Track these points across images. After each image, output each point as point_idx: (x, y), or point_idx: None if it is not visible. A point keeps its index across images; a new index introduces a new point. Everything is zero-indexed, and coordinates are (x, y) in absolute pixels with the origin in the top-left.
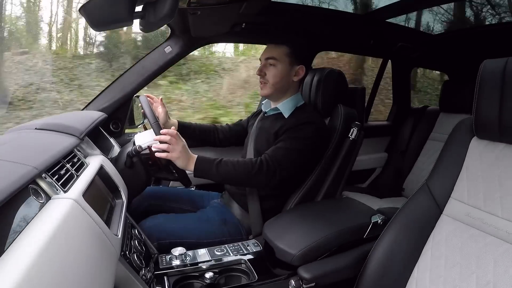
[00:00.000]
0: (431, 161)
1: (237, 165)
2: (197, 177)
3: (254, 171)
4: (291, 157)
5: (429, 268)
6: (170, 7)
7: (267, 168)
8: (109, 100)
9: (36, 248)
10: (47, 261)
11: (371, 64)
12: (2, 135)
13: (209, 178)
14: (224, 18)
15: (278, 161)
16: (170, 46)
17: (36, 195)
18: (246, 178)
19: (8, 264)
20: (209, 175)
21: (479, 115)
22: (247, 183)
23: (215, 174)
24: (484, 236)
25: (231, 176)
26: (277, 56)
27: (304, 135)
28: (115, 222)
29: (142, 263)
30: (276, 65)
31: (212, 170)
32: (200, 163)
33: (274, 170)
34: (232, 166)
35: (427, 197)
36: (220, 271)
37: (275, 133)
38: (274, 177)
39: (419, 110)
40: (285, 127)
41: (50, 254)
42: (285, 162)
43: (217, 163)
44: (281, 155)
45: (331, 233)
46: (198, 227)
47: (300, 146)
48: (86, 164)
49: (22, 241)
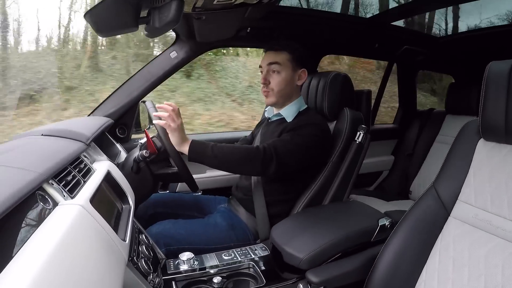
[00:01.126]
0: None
1: (234, 148)
2: (191, 160)
3: (251, 156)
4: (289, 148)
5: (437, 271)
6: (175, 13)
7: (264, 154)
8: (115, 105)
9: (44, 254)
10: (55, 267)
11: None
12: (9, 142)
13: (204, 162)
14: (229, 22)
15: (276, 149)
16: (176, 51)
17: (43, 201)
18: (242, 162)
19: (16, 271)
20: (204, 158)
21: (485, 117)
22: (243, 168)
23: (211, 156)
24: (492, 238)
25: (227, 159)
26: (281, 61)
27: (305, 133)
28: (123, 228)
29: (150, 268)
30: (280, 72)
31: (207, 152)
32: (195, 144)
33: (270, 158)
34: (229, 150)
35: (434, 200)
36: (228, 275)
37: (278, 135)
38: (270, 164)
39: (425, 113)
40: (288, 127)
41: (58, 261)
42: (283, 152)
43: (213, 145)
44: (279, 145)
45: (338, 236)
46: (205, 233)
47: (300, 141)
48: (93, 170)
49: (30, 248)
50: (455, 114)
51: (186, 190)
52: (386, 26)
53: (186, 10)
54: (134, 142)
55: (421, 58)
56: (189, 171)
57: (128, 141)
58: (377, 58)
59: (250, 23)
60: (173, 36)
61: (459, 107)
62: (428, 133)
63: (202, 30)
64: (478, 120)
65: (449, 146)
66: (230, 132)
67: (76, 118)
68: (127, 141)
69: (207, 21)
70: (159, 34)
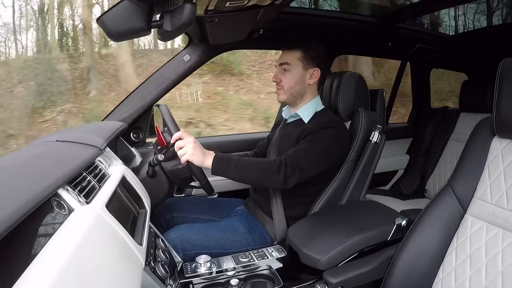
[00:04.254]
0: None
1: (256, 163)
2: (214, 174)
3: (273, 170)
4: (310, 159)
5: (454, 269)
6: (187, 16)
7: (286, 167)
8: (129, 110)
9: (61, 261)
10: (72, 273)
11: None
12: (24, 148)
13: (227, 175)
14: (241, 25)
15: (298, 161)
16: (189, 54)
17: (59, 207)
18: (264, 176)
19: (33, 278)
20: (227, 172)
21: (499, 114)
22: (265, 182)
23: (234, 171)
24: (509, 235)
25: (249, 174)
26: (290, 61)
27: (324, 138)
28: (139, 232)
29: (167, 272)
30: (290, 70)
31: (230, 166)
32: (218, 160)
33: (293, 171)
34: (251, 164)
35: (450, 198)
36: (245, 277)
37: (296, 138)
38: (293, 177)
39: (439, 111)
40: (306, 131)
41: (75, 267)
42: (304, 163)
43: (236, 160)
44: (300, 156)
45: (355, 236)
46: (223, 237)
47: (320, 148)
48: (108, 175)
49: (46, 254)
50: (469, 112)
51: (202, 193)
52: (399, 25)
53: (198, 13)
54: (149, 146)
55: (434, 57)
56: (204, 174)
57: (143, 145)
58: (390, 57)
59: (263, 24)
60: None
61: (473, 105)
62: (442, 131)
63: (215, 32)
64: (492, 117)
65: (463, 144)
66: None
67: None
68: (142, 145)
69: (220, 24)
70: (172, 37)
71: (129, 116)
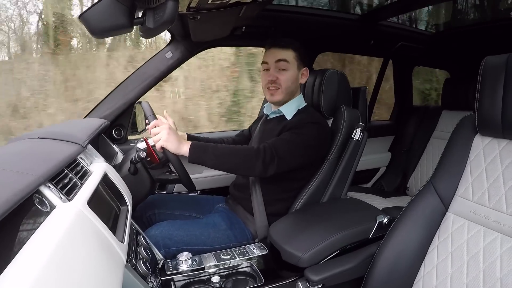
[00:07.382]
0: (435, 159)
1: (235, 150)
2: (192, 161)
3: (251, 156)
4: (290, 149)
5: (436, 266)
6: (170, 13)
7: (264, 154)
8: (111, 107)
9: (42, 257)
10: (53, 270)
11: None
12: (5, 145)
13: (204, 163)
14: (224, 22)
15: (277, 150)
16: (171, 51)
17: (40, 204)
18: (243, 163)
19: (14, 274)
20: (205, 159)
21: (481, 112)
22: (243, 169)
23: (212, 157)
24: (490, 233)
25: (227, 160)
26: (289, 59)
27: (306, 132)
28: (121, 229)
29: (149, 269)
30: (289, 69)
31: (208, 153)
32: (195, 147)
33: (271, 158)
34: (230, 150)
35: (432, 196)
36: (227, 275)
37: (278, 133)
38: (272, 165)
39: (421, 109)
40: (289, 125)
41: (56, 263)
42: (283, 152)
43: (213, 146)
44: (280, 145)
45: (337, 234)
46: (204, 233)
47: (301, 140)
48: (90, 172)
49: (28, 251)
50: (451, 110)
51: (184, 190)
52: (381, 22)
53: (180, 10)
54: (131, 143)
55: (417, 54)
56: (186, 171)
57: (125, 142)
58: (373, 55)
59: (246, 22)
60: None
61: (455, 103)
62: (424, 129)
63: (197, 30)
64: (474, 115)
65: (445, 142)
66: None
67: (73, 120)
68: (123, 142)
69: (202, 21)
70: (154, 34)
71: (111, 113)
